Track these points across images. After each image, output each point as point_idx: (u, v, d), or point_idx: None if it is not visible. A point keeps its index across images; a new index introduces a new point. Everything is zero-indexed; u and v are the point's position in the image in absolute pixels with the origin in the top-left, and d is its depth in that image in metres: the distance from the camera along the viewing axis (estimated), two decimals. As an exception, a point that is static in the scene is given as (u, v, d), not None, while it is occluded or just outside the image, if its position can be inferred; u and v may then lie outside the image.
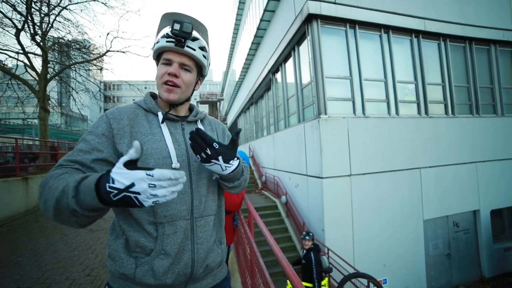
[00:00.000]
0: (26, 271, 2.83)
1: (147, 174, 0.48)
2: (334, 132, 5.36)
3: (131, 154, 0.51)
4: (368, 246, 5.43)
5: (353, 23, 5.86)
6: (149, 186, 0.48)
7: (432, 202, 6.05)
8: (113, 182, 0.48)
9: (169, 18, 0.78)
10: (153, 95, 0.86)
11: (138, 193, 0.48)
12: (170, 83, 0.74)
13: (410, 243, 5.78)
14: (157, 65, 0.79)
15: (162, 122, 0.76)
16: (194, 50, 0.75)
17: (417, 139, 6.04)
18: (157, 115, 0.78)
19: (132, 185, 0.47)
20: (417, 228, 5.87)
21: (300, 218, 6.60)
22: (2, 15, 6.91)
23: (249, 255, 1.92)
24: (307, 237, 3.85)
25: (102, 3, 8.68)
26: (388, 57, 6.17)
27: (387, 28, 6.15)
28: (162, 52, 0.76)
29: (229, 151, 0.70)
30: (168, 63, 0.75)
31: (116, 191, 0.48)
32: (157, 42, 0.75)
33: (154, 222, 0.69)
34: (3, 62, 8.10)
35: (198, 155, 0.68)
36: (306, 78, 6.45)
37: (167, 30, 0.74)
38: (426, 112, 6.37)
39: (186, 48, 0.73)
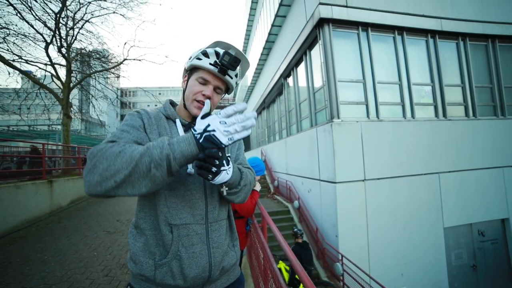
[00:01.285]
0: (51, 269, 2.99)
1: (216, 114, 0.60)
2: (347, 136, 5.28)
3: (205, 109, 0.66)
4: (384, 253, 5.23)
5: (366, 26, 5.79)
6: (220, 123, 0.58)
7: (453, 208, 5.74)
8: (195, 130, 0.61)
9: (222, 47, 0.82)
10: (171, 103, 0.92)
11: (214, 131, 0.58)
12: (202, 103, 0.78)
13: (430, 252, 5.49)
14: (187, 74, 0.83)
15: (186, 131, 0.81)
16: (232, 78, 0.81)
17: (434, 142, 5.79)
18: (175, 121, 0.83)
19: (208, 125, 0.59)
20: (437, 236, 5.58)
21: (313, 223, 6.50)
22: (35, 31, 7.56)
23: (262, 260, 1.93)
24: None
25: (121, 14, 9.18)
26: (403, 59, 6.01)
27: (401, 30, 6.01)
28: (198, 68, 0.79)
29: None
30: (205, 83, 0.79)
31: (199, 135, 0.59)
32: (199, 59, 0.77)
33: (170, 224, 0.73)
34: (33, 73, 8.74)
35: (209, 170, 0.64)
36: (318, 82, 6.42)
37: (213, 54, 0.77)
38: (444, 115, 6.11)
39: (226, 77, 0.79)
